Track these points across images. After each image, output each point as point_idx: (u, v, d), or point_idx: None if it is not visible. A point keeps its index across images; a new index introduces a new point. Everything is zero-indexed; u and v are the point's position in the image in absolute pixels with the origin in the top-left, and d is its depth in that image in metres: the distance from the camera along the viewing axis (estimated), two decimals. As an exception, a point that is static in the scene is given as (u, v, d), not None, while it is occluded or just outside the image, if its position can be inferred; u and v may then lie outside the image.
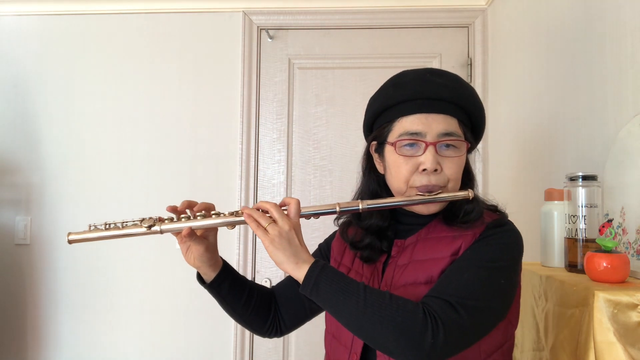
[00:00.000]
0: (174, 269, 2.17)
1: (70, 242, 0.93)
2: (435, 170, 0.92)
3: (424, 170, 0.92)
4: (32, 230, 2.29)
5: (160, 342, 2.23)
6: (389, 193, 1.01)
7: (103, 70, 2.32)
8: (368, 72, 2.23)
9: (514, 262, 0.91)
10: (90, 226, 0.94)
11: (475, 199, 0.94)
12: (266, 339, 2.21)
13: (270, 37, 2.31)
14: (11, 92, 2.33)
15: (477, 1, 2.23)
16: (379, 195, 1.01)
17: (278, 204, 0.90)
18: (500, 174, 2.04)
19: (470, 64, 2.24)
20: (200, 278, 1.04)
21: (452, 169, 0.93)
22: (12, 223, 2.30)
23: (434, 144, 0.92)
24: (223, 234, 0.90)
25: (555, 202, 1.08)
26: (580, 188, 0.97)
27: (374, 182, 1.03)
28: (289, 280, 1.13)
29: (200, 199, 0.98)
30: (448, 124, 0.93)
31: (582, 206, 0.96)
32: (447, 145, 0.93)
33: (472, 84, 2.23)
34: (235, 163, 2.26)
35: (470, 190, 0.93)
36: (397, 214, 1.02)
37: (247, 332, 2.21)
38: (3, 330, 2.28)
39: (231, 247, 2.19)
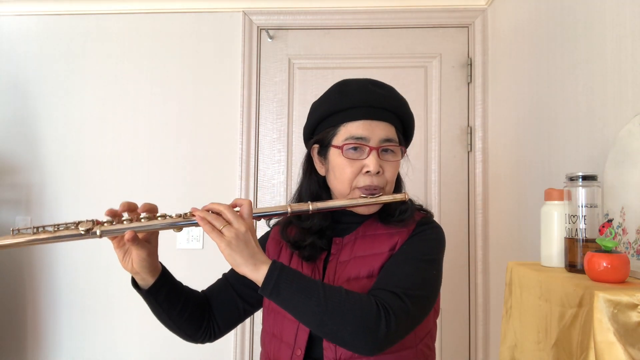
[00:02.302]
0: (173, 269, 2.16)
1: None
2: (378, 172, 0.99)
3: (368, 172, 0.99)
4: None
5: (160, 342, 2.23)
6: (328, 193, 1.08)
7: (103, 70, 2.32)
8: (368, 72, 2.21)
9: (442, 255, 1.03)
10: (12, 231, 0.84)
11: (409, 200, 1.04)
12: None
13: (270, 37, 2.31)
14: (11, 92, 2.33)
15: (477, 1, 2.23)
16: (319, 196, 1.07)
17: (229, 205, 0.90)
18: (501, 174, 2.04)
19: (470, 64, 2.24)
20: (135, 283, 1.00)
21: (390, 172, 1.02)
22: (12, 223, 2.30)
23: (377, 149, 1.00)
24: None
25: (555, 202, 1.08)
26: (580, 188, 0.97)
27: (314, 183, 1.09)
28: (223, 283, 1.14)
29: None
30: (388, 131, 1.02)
31: (582, 206, 0.96)
32: (387, 150, 1.02)
33: (472, 84, 2.24)
34: (235, 163, 2.26)
35: (405, 192, 1.03)
36: (336, 213, 1.08)
37: (248, 333, 2.21)
38: (3, 330, 2.28)
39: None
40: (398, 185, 1.09)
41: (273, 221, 1.16)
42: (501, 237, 2.01)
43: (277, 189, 2.28)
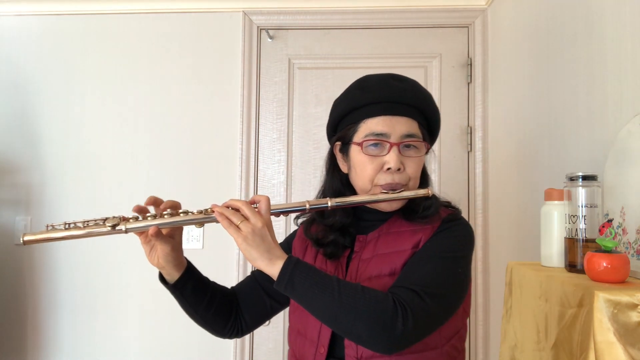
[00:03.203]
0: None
1: (25, 242, 0.88)
2: (399, 169, 0.97)
3: (389, 169, 0.97)
4: (32, 230, 2.29)
5: (160, 342, 2.23)
6: (351, 191, 1.06)
7: (103, 70, 2.32)
8: (368, 72, 2.22)
9: (468, 252, 1.00)
10: (47, 226, 0.91)
11: (433, 196, 1.01)
12: (266, 340, 2.22)
13: (270, 37, 2.31)
14: (11, 92, 2.33)
15: (477, 1, 2.23)
16: (342, 194, 1.05)
17: (248, 201, 0.91)
18: (501, 174, 2.04)
19: (470, 64, 2.24)
20: (162, 278, 1.02)
21: (413, 168, 0.99)
22: (12, 223, 2.30)
23: (398, 145, 0.97)
24: (222, 234, 0.89)
25: (555, 202, 1.08)
26: (580, 188, 0.97)
27: (337, 180, 1.07)
28: (251, 280, 1.15)
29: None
30: (410, 126, 0.99)
31: (582, 206, 0.96)
32: (409, 146, 0.99)
33: (472, 84, 2.24)
34: (235, 163, 2.26)
35: (429, 188, 1.01)
36: (358, 211, 1.06)
37: (247, 332, 2.21)
38: (3, 330, 2.28)
39: (231, 247, 2.20)
40: (424, 182, 1.06)
41: (301, 219, 1.14)
42: (501, 237, 2.01)
43: (277, 189, 2.28)
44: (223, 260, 2.17)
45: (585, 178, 0.97)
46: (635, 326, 0.73)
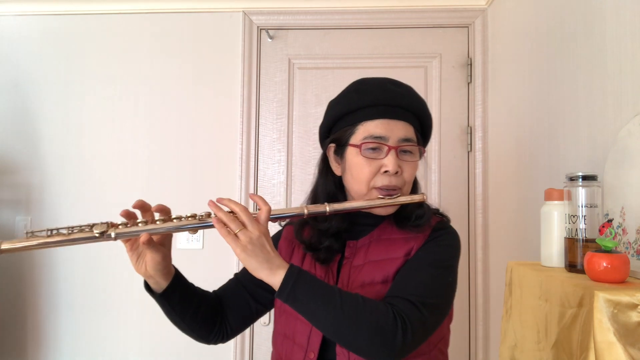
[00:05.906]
0: (174, 269, 2.17)
1: (1, 251, 0.80)
2: (396, 172, 0.97)
3: (386, 172, 0.97)
4: (32, 229, 2.28)
5: (160, 342, 2.23)
6: (344, 194, 1.06)
7: (103, 70, 2.32)
8: (368, 72, 2.21)
9: (457, 261, 1.01)
10: (27, 233, 0.83)
11: (424, 203, 1.02)
12: (266, 340, 2.21)
13: (270, 37, 2.31)
14: (11, 92, 2.33)
15: (477, 1, 2.23)
16: (335, 196, 1.05)
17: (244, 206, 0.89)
18: (500, 174, 2.04)
19: (470, 64, 2.24)
20: (148, 287, 0.98)
21: (408, 172, 1.00)
22: (12, 223, 2.30)
23: (396, 148, 0.98)
24: (218, 235, 0.87)
25: (555, 202, 1.08)
26: (580, 188, 0.97)
27: (330, 183, 1.07)
28: (235, 284, 1.13)
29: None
30: (407, 130, 1.00)
31: (582, 206, 0.96)
32: (405, 151, 1.00)
33: (472, 84, 2.24)
34: (235, 163, 2.26)
35: (423, 193, 1.01)
36: (352, 215, 1.05)
37: (247, 332, 2.21)
38: (3, 330, 2.28)
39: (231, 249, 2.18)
40: (415, 187, 1.07)
41: (287, 222, 1.13)
42: (501, 237, 2.01)
43: (277, 189, 2.28)
44: (223, 260, 2.16)
45: (585, 178, 0.97)
46: (635, 326, 0.73)
